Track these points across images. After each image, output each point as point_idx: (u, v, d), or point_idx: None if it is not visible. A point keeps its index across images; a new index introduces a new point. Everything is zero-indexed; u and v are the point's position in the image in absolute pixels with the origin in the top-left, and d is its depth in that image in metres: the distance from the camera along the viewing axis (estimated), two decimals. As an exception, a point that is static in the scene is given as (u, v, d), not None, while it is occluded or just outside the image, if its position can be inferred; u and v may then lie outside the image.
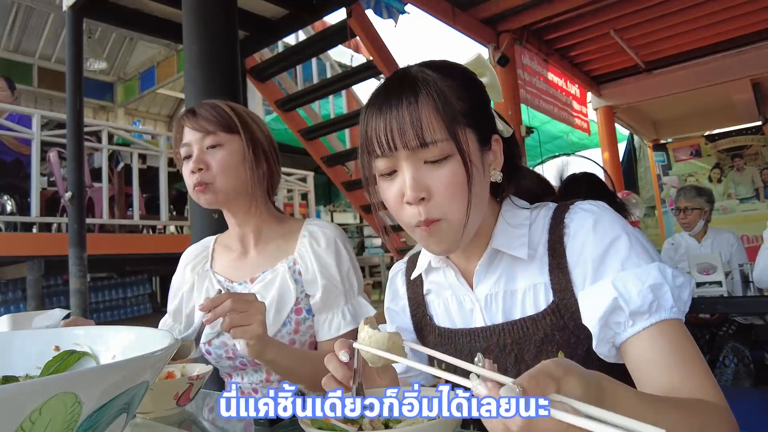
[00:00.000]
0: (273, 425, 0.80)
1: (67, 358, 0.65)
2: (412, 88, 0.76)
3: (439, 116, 0.75)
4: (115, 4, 3.60)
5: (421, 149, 0.75)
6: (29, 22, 8.42)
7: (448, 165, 0.76)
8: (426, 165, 0.76)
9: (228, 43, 2.27)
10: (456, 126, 0.75)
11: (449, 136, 0.75)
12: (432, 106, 0.75)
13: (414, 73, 0.79)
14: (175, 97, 10.27)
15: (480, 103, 0.82)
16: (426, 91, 0.76)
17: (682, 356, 0.70)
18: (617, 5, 4.70)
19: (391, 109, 0.76)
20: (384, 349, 0.69)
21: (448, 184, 0.76)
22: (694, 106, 6.94)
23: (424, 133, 0.74)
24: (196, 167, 1.20)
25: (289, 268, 1.22)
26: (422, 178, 0.76)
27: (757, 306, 2.55)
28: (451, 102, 0.76)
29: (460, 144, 0.75)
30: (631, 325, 0.71)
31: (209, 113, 1.23)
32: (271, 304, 1.18)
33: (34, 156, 4.34)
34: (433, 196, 0.76)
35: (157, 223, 5.28)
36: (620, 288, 0.72)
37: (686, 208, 3.37)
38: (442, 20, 4.30)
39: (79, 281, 3.41)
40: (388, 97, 0.77)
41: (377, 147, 0.77)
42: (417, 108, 0.75)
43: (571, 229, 0.81)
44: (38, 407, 0.38)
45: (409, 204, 0.77)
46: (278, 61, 4.43)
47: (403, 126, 0.75)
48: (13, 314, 1.39)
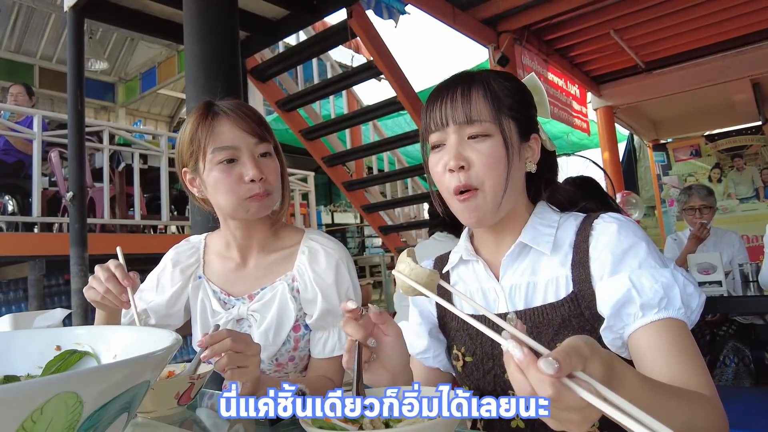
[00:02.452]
0: (273, 425, 0.80)
1: (69, 358, 0.65)
2: (468, 79, 0.89)
3: (487, 102, 0.86)
4: (116, 4, 3.60)
5: (467, 125, 0.86)
6: (30, 23, 8.43)
7: (489, 141, 0.86)
8: (470, 140, 0.86)
9: (229, 43, 2.27)
10: (500, 112, 0.87)
11: (493, 118, 0.86)
12: (482, 93, 0.87)
13: (472, 71, 0.92)
14: (176, 97, 10.28)
15: (525, 106, 0.92)
16: (479, 82, 0.88)
17: (685, 352, 0.75)
18: (617, 5, 4.70)
19: (448, 93, 0.88)
20: (422, 284, 0.70)
21: (487, 157, 0.85)
22: (694, 106, 6.94)
23: (471, 112, 0.85)
24: (260, 175, 1.12)
25: (288, 285, 1.19)
26: (465, 149, 0.86)
27: (757, 305, 2.54)
28: (499, 95, 0.88)
29: (501, 125, 0.86)
30: (640, 317, 0.76)
31: (255, 116, 1.16)
32: (270, 324, 1.17)
33: (36, 156, 4.35)
34: (472, 166, 0.85)
35: (158, 223, 5.28)
36: (635, 281, 0.78)
37: (702, 207, 3.36)
38: (442, 20, 4.30)
39: (80, 281, 3.41)
40: (446, 86, 0.90)
41: (432, 124, 0.89)
42: (469, 93, 0.87)
43: (597, 230, 0.88)
44: (39, 407, 0.38)
45: (450, 171, 0.86)
46: (279, 62, 4.43)
47: (455, 104, 0.87)
48: (14, 314, 1.40)
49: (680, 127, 7.78)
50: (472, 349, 0.94)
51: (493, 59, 4.67)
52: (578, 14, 4.85)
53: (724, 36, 5.38)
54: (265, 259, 1.24)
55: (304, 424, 0.61)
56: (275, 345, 1.17)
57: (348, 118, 4.71)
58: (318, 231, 1.30)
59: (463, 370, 0.96)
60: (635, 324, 0.77)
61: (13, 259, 4.32)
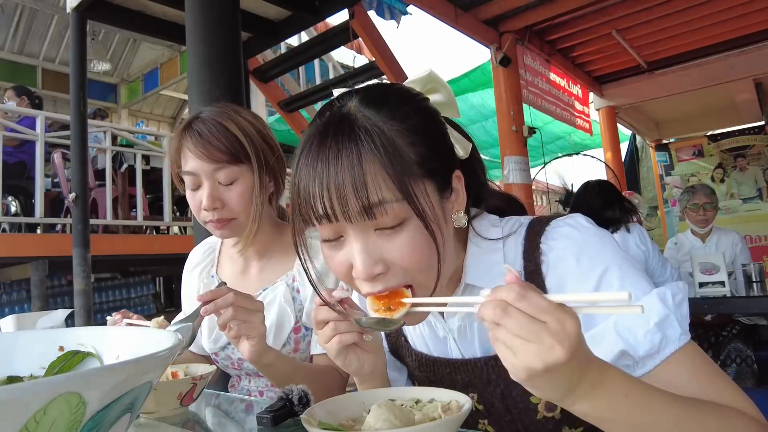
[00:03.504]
0: (276, 425, 0.80)
1: (71, 359, 0.65)
2: (352, 138, 0.63)
3: (388, 174, 0.62)
4: (119, 5, 3.61)
5: (369, 220, 0.63)
6: (33, 24, 8.45)
7: (406, 230, 0.64)
8: (378, 232, 0.65)
9: (231, 44, 2.27)
10: (410, 181, 0.63)
11: (403, 196, 0.63)
12: (378, 162, 0.62)
13: (353, 117, 0.65)
14: (179, 98, 10.30)
15: (437, 139, 0.70)
16: (370, 143, 0.63)
17: (706, 377, 0.65)
18: (619, 5, 4.69)
19: (328, 167, 0.63)
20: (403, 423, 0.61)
21: (410, 254, 0.65)
22: (697, 106, 6.92)
23: (369, 197, 0.61)
24: (212, 206, 1.10)
25: (288, 285, 1.20)
26: (376, 250, 0.65)
27: (760, 306, 2.54)
28: (402, 151, 0.64)
29: (416, 205, 0.63)
30: (641, 367, 0.66)
31: (218, 138, 1.10)
32: (270, 326, 1.17)
33: (39, 157, 4.36)
34: (392, 267, 0.66)
35: (161, 224, 5.30)
36: (625, 335, 0.66)
37: (706, 204, 3.40)
38: (444, 21, 4.30)
39: (83, 282, 3.42)
40: (322, 147, 0.64)
41: (313, 215, 0.65)
42: (359, 164, 0.62)
43: (550, 258, 0.73)
44: (43, 407, 0.39)
45: (365, 280, 0.67)
46: (281, 63, 4.44)
47: (344, 191, 0.62)
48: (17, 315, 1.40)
49: (683, 127, 7.76)
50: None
51: (495, 60, 4.67)
52: (580, 14, 4.84)
53: (726, 36, 5.37)
54: (268, 261, 1.25)
55: (306, 424, 0.61)
56: (275, 346, 1.17)
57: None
58: None
59: None
60: (638, 372, 0.66)
61: (16, 260, 4.34)
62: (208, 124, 1.12)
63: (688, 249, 3.48)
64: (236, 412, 0.99)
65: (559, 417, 0.75)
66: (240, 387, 1.28)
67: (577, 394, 0.53)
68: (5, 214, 4.50)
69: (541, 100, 5.13)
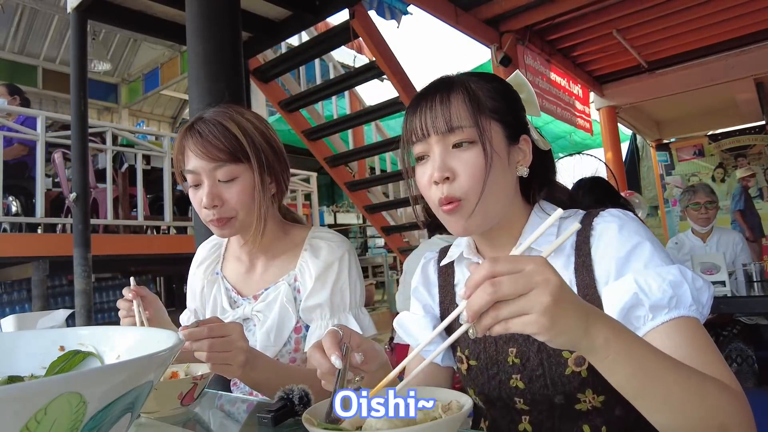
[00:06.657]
0: (276, 424, 0.80)
1: (72, 358, 0.66)
2: (447, 85, 0.87)
3: (467, 106, 0.84)
4: (119, 5, 3.61)
5: (449, 134, 0.83)
6: (34, 24, 8.46)
7: (473, 150, 0.83)
8: (454, 149, 0.84)
9: (231, 44, 2.27)
10: (481, 116, 0.83)
11: (474, 123, 0.83)
12: (461, 97, 0.84)
13: (451, 76, 0.90)
14: (179, 98, 10.31)
15: (511, 107, 0.89)
16: (458, 87, 0.85)
17: (702, 350, 0.72)
18: (620, 5, 4.69)
19: (427, 102, 0.86)
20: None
21: (471, 167, 0.83)
22: (697, 105, 6.93)
23: (452, 119, 0.83)
24: (211, 204, 1.13)
25: (290, 285, 1.20)
26: (448, 159, 0.84)
27: (760, 305, 2.54)
28: (480, 97, 0.85)
29: (482, 130, 0.83)
30: (650, 319, 0.74)
31: (217, 138, 1.12)
32: (272, 324, 1.17)
33: (39, 157, 4.36)
34: (456, 177, 0.83)
35: (161, 224, 5.30)
36: (641, 283, 0.75)
37: (707, 203, 3.42)
38: (444, 21, 4.30)
39: (83, 282, 3.42)
40: (425, 94, 0.87)
41: (413, 135, 0.87)
42: (448, 99, 0.84)
43: (597, 230, 0.85)
44: (43, 407, 0.39)
45: (435, 183, 0.84)
46: (281, 62, 4.44)
47: (435, 114, 0.84)
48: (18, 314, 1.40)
49: (683, 126, 7.76)
50: (476, 353, 0.93)
51: (496, 59, 4.67)
52: (581, 14, 4.84)
53: (727, 35, 5.37)
54: (272, 260, 1.26)
55: (306, 424, 0.61)
56: (276, 346, 1.17)
57: (350, 119, 4.71)
58: (324, 228, 1.30)
59: (467, 374, 0.95)
60: (646, 327, 0.74)
61: (16, 259, 4.34)
62: (209, 124, 1.14)
63: (688, 248, 3.48)
64: (237, 412, 0.99)
65: (585, 375, 0.81)
66: (241, 387, 1.28)
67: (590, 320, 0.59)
68: (6, 214, 4.49)
69: (541, 100, 5.13)
